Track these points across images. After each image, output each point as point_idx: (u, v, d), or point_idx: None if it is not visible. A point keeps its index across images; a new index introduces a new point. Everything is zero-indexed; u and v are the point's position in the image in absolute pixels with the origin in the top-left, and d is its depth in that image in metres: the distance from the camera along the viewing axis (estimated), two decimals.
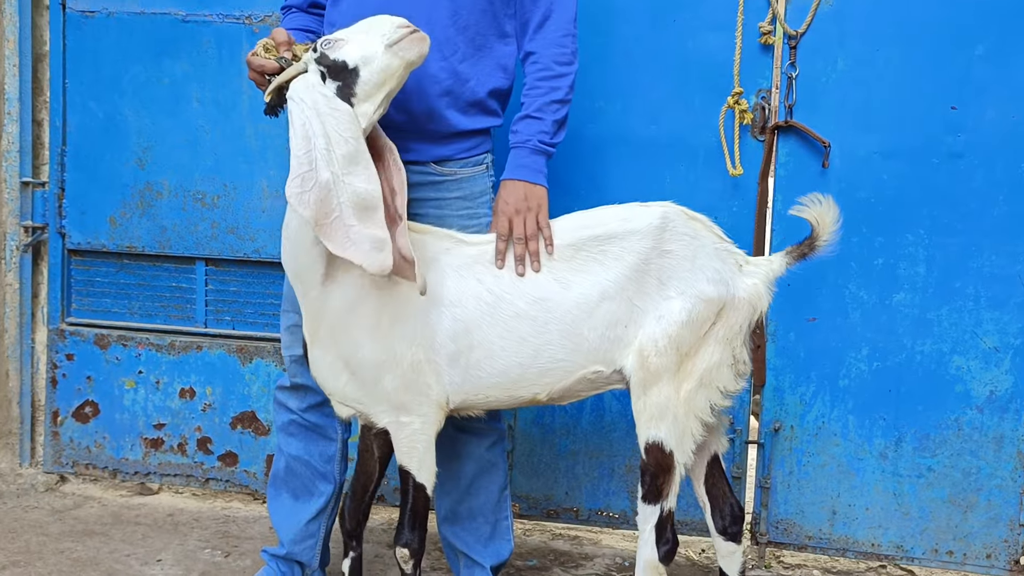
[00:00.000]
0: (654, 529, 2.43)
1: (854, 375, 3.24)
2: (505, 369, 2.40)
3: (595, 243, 2.42)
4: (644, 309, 2.38)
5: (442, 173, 2.69)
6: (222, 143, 3.56)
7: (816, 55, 3.17)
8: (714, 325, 2.39)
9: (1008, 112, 3.08)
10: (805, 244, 2.49)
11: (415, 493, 2.48)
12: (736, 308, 2.40)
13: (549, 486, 3.49)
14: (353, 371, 2.41)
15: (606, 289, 2.38)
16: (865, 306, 3.22)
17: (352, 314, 2.38)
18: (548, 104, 2.58)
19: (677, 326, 2.36)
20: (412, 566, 2.52)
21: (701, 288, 2.38)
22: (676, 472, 2.41)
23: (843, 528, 3.29)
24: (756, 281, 2.44)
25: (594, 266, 2.40)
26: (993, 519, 3.20)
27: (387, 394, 2.40)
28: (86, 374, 3.74)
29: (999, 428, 3.18)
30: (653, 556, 2.44)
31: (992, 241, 3.13)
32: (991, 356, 3.16)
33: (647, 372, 2.36)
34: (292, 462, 2.85)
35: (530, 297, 2.39)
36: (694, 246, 2.41)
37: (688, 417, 2.39)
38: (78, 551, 3.18)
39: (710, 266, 2.40)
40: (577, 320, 2.38)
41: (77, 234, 3.69)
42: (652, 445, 2.40)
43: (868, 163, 3.17)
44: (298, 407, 2.82)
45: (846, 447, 3.26)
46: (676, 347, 2.36)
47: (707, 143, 3.25)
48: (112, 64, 3.59)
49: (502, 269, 2.43)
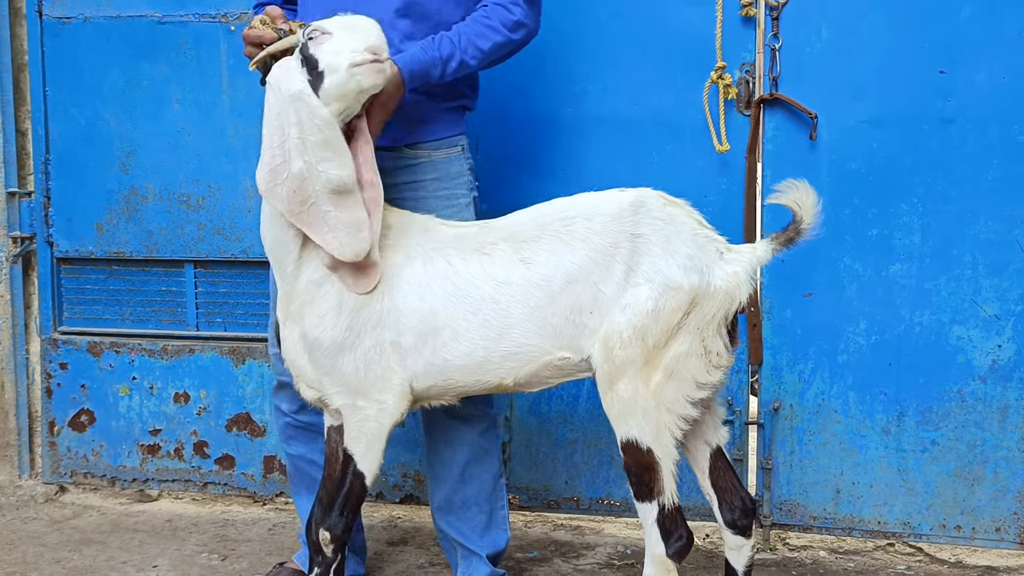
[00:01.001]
0: (656, 524, 2.32)
1: (853, 350, 3.17)
2: (470, 351, 2.33)
3: (561, 223, 2.33)
4: (610, 296, 2.27)
5: (416, 156, 2.67)
6: (204, 144, 3.53)
7: (799, 25, 3.10)
8: (687, 315, 2.25)
9: (998, 73, 3.01)
10: (790, 229, 2.33)
11: (353, 479, 2.42)
12: (711, 297, 2.26)
13: (548, 476, 3.45)
14: (312, 349, 2.38)
15: (571, 271, 2.29)
16: (861, 279, 3.15)
17: (318, 290, 2.36)
18: (471, 44, 2.52)
19: (643, 316, 2.23)
20: (333, 550, 2.45)
21: (671, 275, 2.24)
22: (661, 468, 2.28)
23: (848, 507, 3.22)
24: (737, 270, 2.29)
25: (559, 246, 2.31)
26: (1001, 491, 3.12)
27: (345, 376, 2.36)
28: (80, 383, 3.72)
29: (1003, 398, 3.10)
30: (661, 551, 2.32)
31: (988, 206, 3.06)
32: (992, 324, 3.09)
33: (612, 365, 2.25)
34: (297, 462, 2.86)
35: (495, 280, 2.33)
36: (667, 231, 2.28)
37: (659, 411, 2.26)
38: (74, 560, 3.16)
39: (683, 252, 2.26)
40: (540, 303, 2.30)
41: (65, 242, 3.67)
42: (627, 443, 2.29)
43: (857, 133, 3.10)
44: (289, 409, 2.81)
45: (847, 424, 3.20)
46: (641, 338, 2.23)
47: (692, 120, 3.20)
48: (91, 69, 3.57)
49: (471, 251, 2.38)
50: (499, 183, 3.27)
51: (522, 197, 3.19)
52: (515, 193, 3.21)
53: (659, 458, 2.28)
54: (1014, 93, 3.01)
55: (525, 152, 3.31)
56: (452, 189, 2.70)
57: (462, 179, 2.74)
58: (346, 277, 2.34)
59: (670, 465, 2.30)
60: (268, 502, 3.64)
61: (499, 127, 3.29)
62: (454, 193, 2.70)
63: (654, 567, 2.35)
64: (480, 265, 2.35)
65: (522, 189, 3.28)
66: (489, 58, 2.56)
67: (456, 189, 2.71)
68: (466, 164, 2.77)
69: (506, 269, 2.34)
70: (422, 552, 3.24)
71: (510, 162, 3.32)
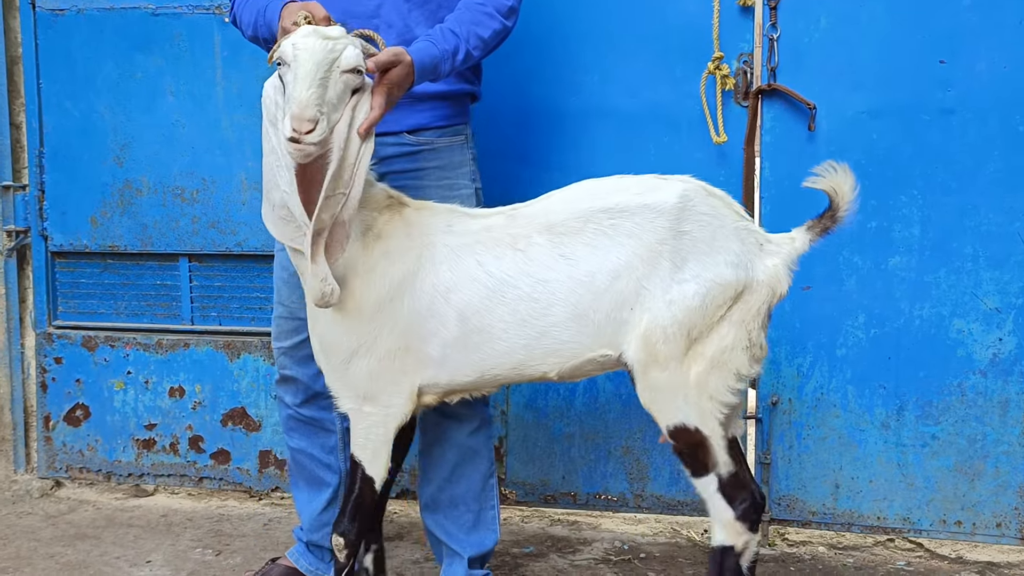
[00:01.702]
0: (718, 492, 2.31)
1: (852, 344, 3.14)
2: (508, 351, 2.30)
3: (606, 216, 2.26)
4: (653, 292, 2.23)
5: (418, 143, 2.62)
6: (199, 137, 3.51)
7: (797, 14, 3.07)
8: (731, 308, 2.25)
9: (999, 63, 2.97)
10: (826, 217, 2.33)
11: (362, 485, 2.41)
12: (755, 291, 2.26)
13: (545, 471, 3.42)
14: (327, 352, 2.36)
15: (616, 268, 2.24)
16: (860, 272, 3.12)
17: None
18: (472, 34, 2.43)
19: (689, 312, 2.22)
20: (346, 556, 2.44)
21: (718, 272, 2.23)
22: (712, 441, 2.28)
23: (847, 502, 3.19)
24: (776, 262, 2.29)
25: (603, 241, 2.25)
26: (1001, 486, 3.09)
27: (355, 380, 2.34)
28: (75, 377, 3.70)
29: (1004, 392, 3.07)
30: (729, 514, 2.31)
31: (988, 198, 3.02)
32: (992, 317, 3.05)
33: (653, 359, 2.23)
34: (297, 455, 2.85)
35: (534, 278, 2.27)
36: (713, 226, 2.25)
37: (701, 398, 2.26)
38: (68, 555, 3.15)
39: (729, 248, 2.25)
40: (583, 299, 2.25)
41: (59, 236, 3.65)
42: (675, 429, 2.29)
43: (856, 124, 3.06)
44: (293, 402, 2.79)
45: (846, 418, 3.17)
46: (686, 333, 2.23)
47: (690, 111, 3.17)
48: (85, 62, 3.55)
49: (504, 246, 2.31)
50: (495, 174, 3.22)
51: (518, 188, 3.17)
52: (511, 184, 3.18)
53: (707, 434, 2.28)
54: (1015, 83, 2.97)
55: (522, 143, 3.28)
56: (455, 179, 2.64)
57: (465, 169, 2.69)
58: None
59: (718, 440, 2.30)
60: (264, 497, 3.62)
61: (496, 118, 3.26)
62: (456, 183, 2.64)
63: (725, 531, 2.32)
64: (515, 263, 2.29)
65: (518, 180, 3.25)
66: (488, 47, 2.49)
67: (459, 179, 2.65)
68: (469, 154, 2.72)
69: (546, 266, 2.27)
70: (417, 547, 3.21)
71: (507, 153, 3.29)
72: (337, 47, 2.12)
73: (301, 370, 2.73)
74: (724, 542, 2.32)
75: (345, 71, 2.12)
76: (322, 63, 2.08)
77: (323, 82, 2.08)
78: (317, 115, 2.05)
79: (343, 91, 2.14)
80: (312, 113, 2.04)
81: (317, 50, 2.09)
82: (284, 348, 2.75)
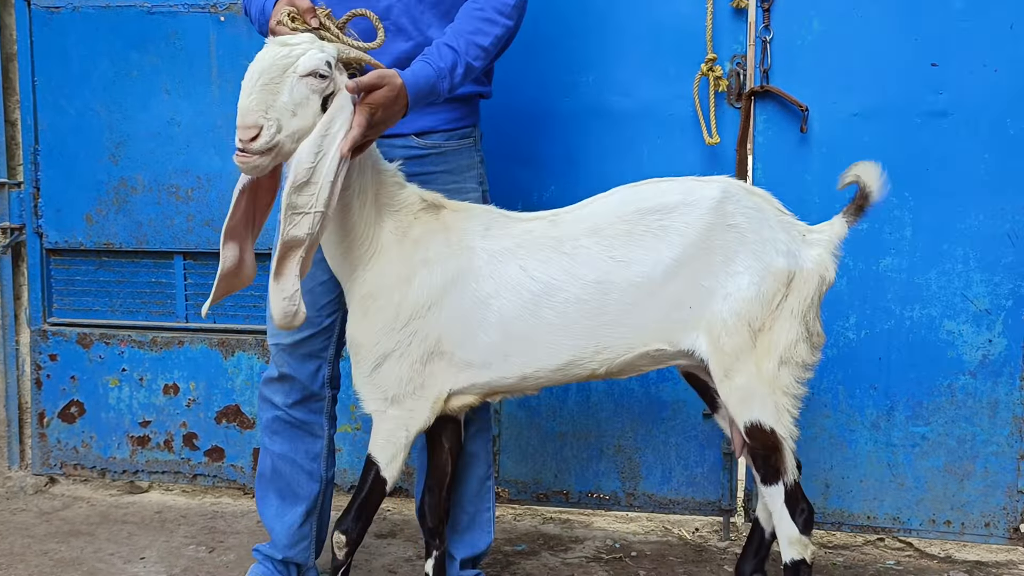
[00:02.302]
0: (784, 506, 2.37)
1: (842, 344, 3.16)
2: (555, 354, 2.33)
3: (654, 216, 2.30)
4: (711, 289, 2.28)
5: (425, 147, 2.58)
6: (194, 135, 3.51)
7: (790, 17, 3.09)
8: (786, 299, 2.30)
9: (990, 67, 2.99)
10: (859, 197, 2.41)
11: (373, 485, 2.41)
12: (806, 280, 2.32)
13: (538, 470, 3.44)
14: (357, 356, 2.36)
15: (670, 267, 2.27)
16: (851, 273, 3.14)
17: (373, 303, 2.32)
18: (471, 44, 2.36)
19: (745, 302, 2.27)
20: (345, 554, 2.45)
21: (769, 260, 2.29)
22: (785, 447, 2.35)
23: (837, 501, 3.21)
24: (820, 251, 2.36)
25: (653, 241, 2.29)
26: (990, 487, 3.12)
27: (383, 383, 2.33)
28: (70, 374, 3.71)
29: (993, 393, 3.09)
30: (794, 530, 2.38)
31: (979, 200, 3.04)
32: (983, 319, 3.08)
33: (723, 354, 2.29)
34: (277, 461, 2.75)
35: (584, 281, 2.29)
36: (758, 219, 2.31)
37: (775, 394, 2.32)
38: (62, 552, 3.16)
39: (777, 238, 2.31)
40: (639, 300, 2.29)
41: (54, 233, 3.66)
42: (752, 427, 2.33)
43: (848, 126, 3.08)
44: (283, 402, 2.71)
45: (837, 418, 3.19)
46: (747, 323, 2.28)
47: (682, 113, 3.18)
48: (80, 60, 3.55)
49: (549, 249, 2.32)
50: (490, 175, 3.25)
51: (511, 187, 3.20)
52: (507, 185, 3.19)
53: (782, 437, 2.34)
54: (1006, 86, 2.99)
55: (514, 143, 3.29)
56: (462, 183, 2.60)
57: (472, 172, 2.66)
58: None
59: (791, 444, 2.36)
60: None
61: (489, 118, 3.25)
62: (464, 187, 2.60)
63: (793, 548, 2.40)
64: (562, 266, 2.30)
65: (513, 181, 3.26)
66: (491, 55, 2.43)
67: (466, 183, 2.62)
68: (477, 157, 2.69)
69: (597, 268, 2.29)
70: (410, 545, 3.23)
71: (501, 153, 3.29)
72: (293, 52, 2.09)
73: (299, 368, 2.69)
74: (795, 557, 2.40)
75: (304, 75, 2.09)
76: (268, 69, 2.06)
77: (269, 88, 2.05)
78: (260, 120, 2.02)
79: (305, 97, 2.10)
80: (253, 119, 2.02)
81: (264, 57, 2.08)
82: (284, 345, 2.68)
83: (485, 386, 2.39)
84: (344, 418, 3.48)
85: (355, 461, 3.55)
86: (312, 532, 2.80)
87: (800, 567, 2.41)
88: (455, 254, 2.32)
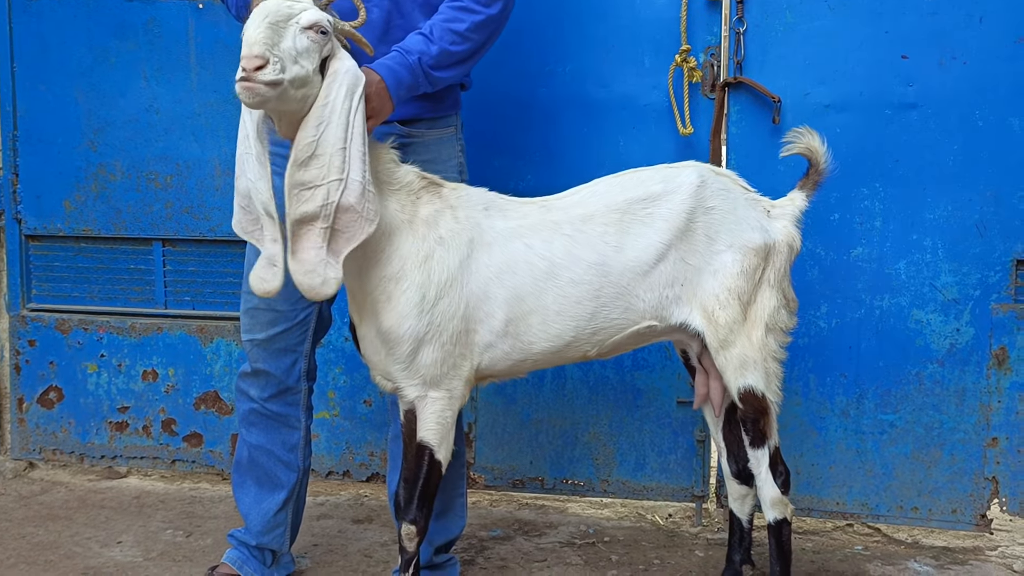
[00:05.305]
0: (768, 469, 2.53)
1: (813, 333, 3.20)
2: (560, 333, 2.41)
3: (640, 206, 2.43)
4: (697, 266, 2.43)
5: (409, 135, 2.60)
6: (173, 122, 3.53)
7: (764, 9, 3.12)
8: (763, 271, 2.47)
9: (959, 59, 3.03)
10: (812, 173, 2.59)
11: (430, 469, 2.41)
12: (778, 251, 2.49)
13: (513, 456, 3.47)
14: (391, 345, 2.34)
15: (659, 251, 2.42)
16: (823, 263, 3.18)
17: (396, 287, 2.32)
18: (446, 31, 2.41)
19: (733, 277, 2.44)
20: (416, 544, 2.45)
21: (748, 237, 2.45)
22: (772, 411, 2.52)
23: (807, 488, 3.26)
24: (786, 223, 2.52)
25: (643, 228, 2.42)
26: (957, 473, 3.17)
27: (422, 367, 2.35)
28: (49, 359, 3.73)
29: (960, 381, 3.14)
30: (776, 492, 2.54)
31: (948, 191, 3.09)
32: (951, 308, 3.12)
33: (718, 326, 2.44)
34: (255, 452, 2.77)
35: (585, 263, 2.39)
36: (731, 199, 2.47)
37: (766, 360, 2.48)
38: (39, 535, 3.18)
39: (749, 216, 2.47)
40: (632, 282, 2.42)
41: (33, 219, 3.67)
42: (745, 392, 2.48)
43: (820, 117, 3.11)
44: (259, 396, 2.73)
45: (807, 406, 3.23)
46: (737, 297, 2.44)
47: (657, 103, 3.21)
48: (59, 46, 3.56)
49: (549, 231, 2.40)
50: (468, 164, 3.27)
51: (492, 178, 3.20)
52: (485, 173, 3.20)
53: (771, 402, 2.51)
54: (974, 79, 3.03)
55: (492, 132, 3.31)
56: (444, 172, 2.58)
57: (453, 161, 2.69)
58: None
59: (776, 409, 2.54)
60: None
61: (468, 107, 3.27)
62: (445, 176, 2.56)
63: (775, 508, 2.56)
64: (565, 247, 2.40)
65: (491, 169, 3.29)
66: (469, 40, 2.45)
67: (448, 172, 2.61)
68: (458, 145, 2.72)
69: (595, 251, 2.40)
70: (386, 530, 3.26)
71: (479, 142, 3.30)
72: (296, 6, 2.13)
73: (274, 363, 2.70)
74: (777, 516, 2.56)
75: (306, 27, 2.12)
76: (274, 12, 2.10)
77: (275, 28, 2.08)
78: (266, 53, 2.04)
79: (307, 49, 2.13)
80: (260, 50, 2.04)
81: (270, 4, 2.12)
82: (258, 340, 2.69)
83: (485, 369, 2.43)
84: (322, 405, 3.52)
85: (333, 447, 3.58)
86: (288, 519, 2.82)
87: (782, 526, 2.57)
88: (465, 230, 2.37)
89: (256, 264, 2.28)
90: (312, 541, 3.17)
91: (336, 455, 3.59)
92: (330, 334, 3.26)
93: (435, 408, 2.39)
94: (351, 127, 2.18)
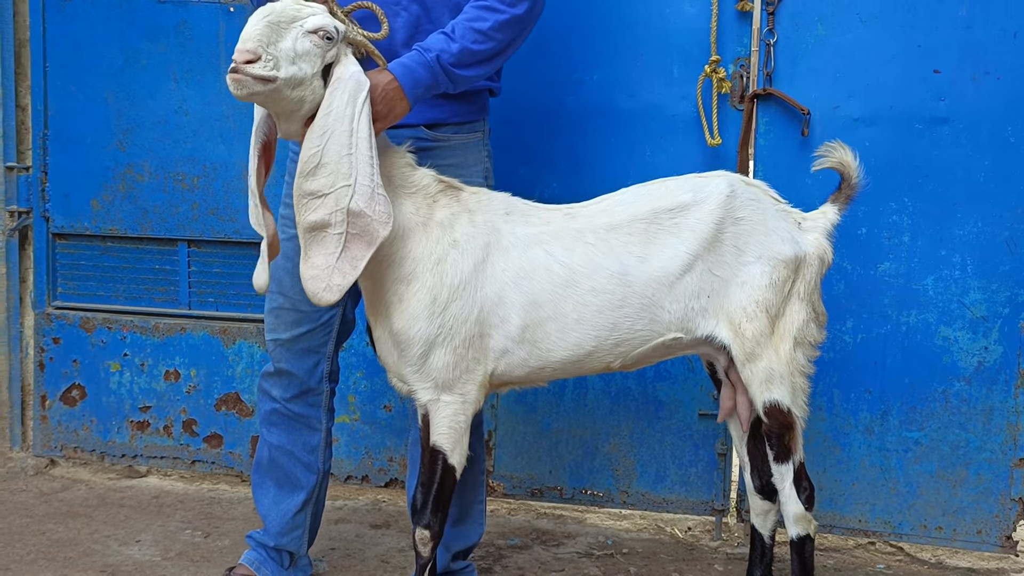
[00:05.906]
0: (793, 484, 2.50)
1: (838, 348, 3.17)
2: (580, 342, 2.38)
3: (668, 216, 2.40)
4: (725, 278, 2.40)
5: (435, 139, 2.59)
6: (201, 124, 3.55)
7: (794, 20, 3.10)
8: (794, 284, 2.44)
9: (993, 74, 3.00)
10: (844, 187, 2.56)
11: (443, 475, 2.39)
12: (808, 264, 2.46)
13: (533, 465, 3.46)
14: (403, 347, 2.33)
15: (686, 261, 2.38)
16: (849, 277, 3.15)
17: (408, 288, 2.31)
18: (468, 30, 2.37)
19: (762, 290, 2.40)
20: (430, 549, 2.44)
21: (777, 249, 2.41)
22: (798, 427, 2.48)
23: (829, 504, 3.22)
24: (817, 235, 2.49)
25: (669, 239, 2.39)
26: (983, 493, 3.12)
27: (434, 370, 2.34)
28: (72, 357, 3.75)
29: (988, 400, 3.10)
30: (800, 508, 2.51)
31: (978, 208, 3.05)
32: (979, 326, 3.08)
33: (744, 339, 2.41)
34: (275, 452, 2.77)
35: (607, 272, 2.36)
36: (761, 210, 2.44)
37: (793, 375, 2.45)
38: (59, 532, 3.19)
39: (779, 227, 2.44)
40: (658, 293, 2.38)
41: (61, 218, 3.70)
42: (771, 406, 2.45)
43: (850, 130, 3.09)
44: (281, 396, 2.73)
45: (831, 421, 3.20)
46: (765, 310, 2.40)
47: (686, 113, 3.20)
48: (91, 47, 3.59)
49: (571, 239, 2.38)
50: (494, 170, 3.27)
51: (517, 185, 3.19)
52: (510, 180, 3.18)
53: (796, 417, 2.48)
54: (1007, 94, 3.00)
55: (519, 141, 3.31)
56: (469, 177, 2.58)
57: (479, 167, 2.67)
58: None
59: (802, 424, 2.51)
60: None
61: (495, 114, 3.28)
62: (470, 181, 2.57)
63: (798, 524, 2.52)
64: (587, 255, 2.37)
65: (517, 177, 3.26)
66: (493, 39, 2.41)
67: (473, 177, 2.61)
68: (484, 151, 2.70)
69: (619, 261, 2.37)
70: (403, 536, 3.25)
71: (505, 149, 3.30)
72: (304, 11, 2.14)
73: (298, 364, 2.70)
74: (801, 533, 2.53)
75: (311, 31, 2.12)
76: (277, 12, 2.11)
77: (274, 27, 2.09)
78: (258, 49, 2.05)
79: (308, 52, 2.13)
80: (251, 45, 2.06)
81: (277, 5, 2.13)
82: (282, 340, 2.69)
83: (501, 376, 2.41)
84: (342, 409, 3.51)
85: (352, 452, 3.58)
86: (307, 521, 2.82)
87: (805, 542, 2.54)
88: (481, 234, 2.35)
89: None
90: (329, 545, 3.16)
91: (355, 460, 3.59)
92: (352, 338, 3.26)
93: (448, 412, 2.38)
94: (355, 133, 2.18)
